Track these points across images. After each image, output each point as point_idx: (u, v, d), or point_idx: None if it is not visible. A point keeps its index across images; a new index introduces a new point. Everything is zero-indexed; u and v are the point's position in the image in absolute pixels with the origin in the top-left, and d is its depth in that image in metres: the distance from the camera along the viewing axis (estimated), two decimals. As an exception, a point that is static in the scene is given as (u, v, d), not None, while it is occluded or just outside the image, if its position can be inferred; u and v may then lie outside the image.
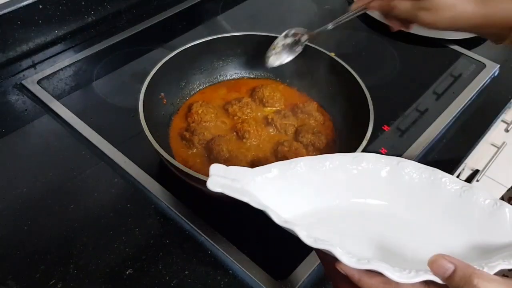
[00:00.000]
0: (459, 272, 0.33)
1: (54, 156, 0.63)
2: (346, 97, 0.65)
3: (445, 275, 0.33)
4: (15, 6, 0.73)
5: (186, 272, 0.51)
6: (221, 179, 0.40)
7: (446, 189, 0.43)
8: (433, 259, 0.34)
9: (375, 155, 0.45)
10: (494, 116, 0.75)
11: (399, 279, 0.33)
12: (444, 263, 0.34)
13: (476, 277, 0.32)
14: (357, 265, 0.34)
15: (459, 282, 0.33)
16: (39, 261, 0.51)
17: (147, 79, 0.59)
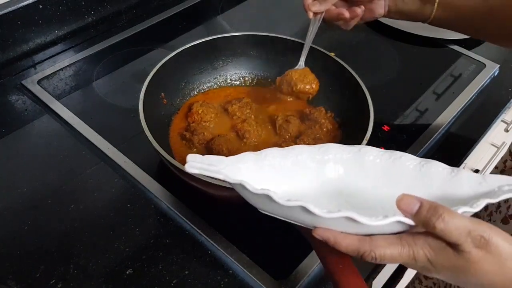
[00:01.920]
0: (425, 205, 0.34)
1: (54, 156, 0.63)
2: (346, 97, 0.65)
3: (412, 211, 0.34)
4: (15, 6, 0.73)
5: (186, 272, 0.51)
6: (198, 164, 0.41)
7: (406, 166, 0.46)
8: (400, 197, 0.36)
9: (339, 145, 0.48)
10: (494, 116, 0.75)
11: (369, 222, 0.35)
12: (411, 200, 0.35)
13: (441, 209, 0.34)
14: (328, 215, 0.35)
15: (426, 215, 0.34)
16: (39, 260, 0.51)
17: (147, 79, 0.59)
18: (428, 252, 0.34)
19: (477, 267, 0.33)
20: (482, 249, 0.33)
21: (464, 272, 0.34)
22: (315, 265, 0.52)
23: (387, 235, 0.36)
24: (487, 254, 0.33)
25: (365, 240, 0.36)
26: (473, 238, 0.33)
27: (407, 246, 0.35)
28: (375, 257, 0.35)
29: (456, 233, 0.33)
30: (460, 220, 0.33)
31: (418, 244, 0.35)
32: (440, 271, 0.35)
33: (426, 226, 0.34)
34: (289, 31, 0.64)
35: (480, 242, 0.33)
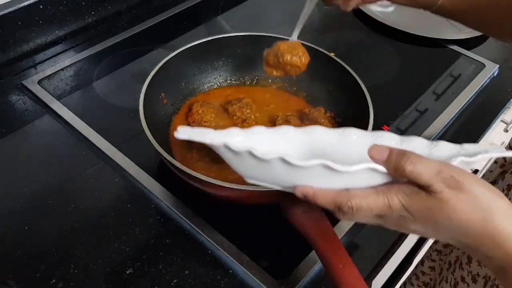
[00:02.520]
0: (394, 151, 0.36)
1: (54, 156, 0.63)
2: (346, 97, 0.66)
3: (383, 158, 0.36)
4: (16, 7, 0.73)
5: (186, 271, 0.51)
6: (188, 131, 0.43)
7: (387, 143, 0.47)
8: (371, 147, 0.37)
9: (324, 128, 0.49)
10: (494, 116, 0.75)
11: (342, 168, 0.36)
12: (381, 148, 0.37)
13: (409, 153, 0.35)
14: (305, 163, 0.37)
15: (395, 159, 0.35)
16: (39, 260, 0.51)
17: (148, 79, 0.59)
18: (402, 198, 0.35)
19: (450, 206, 0.33)
20: (454, 189, 0.33)
21: (439, 214, 0.34)
22: (315, 265, 0.52)
23: (362, 187, 0.38)
24: (459, 193, 0.33)
25: (341, 192, 0.37)
26: (443, 178, 0.33)
27: (382, 194, 0.36)
28: (352, 206, 0.36)
29: (425, 174, 0.34)
30: (429, 162, 0.34)
31: (392, 191, 0.36)
32: (416, 217, 0.35)
33: (397, 170, 0.35)
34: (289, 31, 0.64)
35: (451, 181, 0.33)
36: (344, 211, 0.37)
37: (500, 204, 0.33)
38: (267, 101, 0.70)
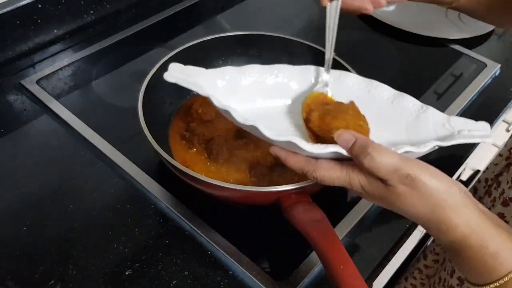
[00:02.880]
0: (358, 142, 0.38)
1: (53, 156, 0.63)
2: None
3: (348, 145, 0.39)
4: (14, 6, 0.73)
5: (186, 272, 0.51)
6: (178, 74, 0.44)
7: (380, 97, 0.49)
8: (338, 132, 0.40)
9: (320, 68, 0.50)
10: (495, 116, 0.75)
11: (310, 149, 0.39)
12: (347, 135, 0.39)
13: (371, 147, 0.37)
14: (276, 137, 0.39)
15: (357, 151, 0.38)
16: (38, 261, 0.51)
17: (147, 79, 0.59)
18: (362, 180, 0.39)
19: (402, 200, 0.37)
20: (408, 186, 0.36)
21: (393, 203, 0.38)
22: (315, 266, 0.52)
23: (330, 160, 0.40)
24: (412, 190, 0.36)
25: (310, 161, 0.41)
26: (400, 176, 0.36)
27: (346, 172, 0.39)
28: (316, 177, 0.40)
29: (383, 170, 0.37)
30: (388, 159, 0.37)
31: (355, 172, 0.39)
32: (373, 198, 0.40)
33: (356, 161, 0.39)
34: (289, 30, 0.64)
35: (406, 179, 0.36)
36: (310, 178, 0.41)
37: (451, 199, 0.36)
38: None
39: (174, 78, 0.43)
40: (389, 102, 0.48)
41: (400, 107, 0.47)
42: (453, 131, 0.44)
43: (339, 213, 0.56)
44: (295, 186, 0.47)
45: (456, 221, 0.36)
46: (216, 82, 0.47)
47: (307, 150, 0.39)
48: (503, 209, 0.57)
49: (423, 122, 0.46)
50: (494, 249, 0.35)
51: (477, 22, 0.92)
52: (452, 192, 0.37)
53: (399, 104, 0.48)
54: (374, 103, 0.48)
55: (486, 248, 0.35)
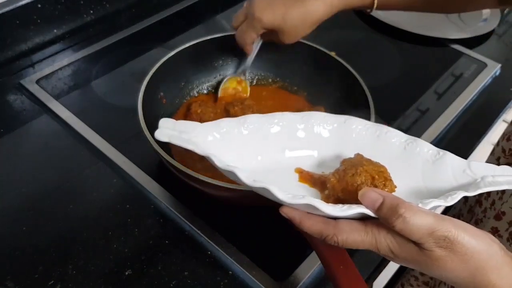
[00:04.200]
0: (387, 202, 0.34)
1: (52, 156, 0.63)
2: (346, 96, 0.65)
3: (374, 206, 0.34)
4: (14, 6, 0.73)
5: (186, 272, 0.51)
6: (170, 131, 0.40)
7: (391, 143, 0.44)
8: (363, 191, 0.35)
9: (324, 114, 0.46)
10: (496, 116, 0.75)
11: (331, 212, 0.34)
12: (373, 195, 0.35)
13: (403, 207, 0.33)
14: (292, 200, 0.34)
15: (386, 212, 0.34)
16: (38, 261, 0.51)
17: (146, 79, 0.59)
18: (391, 244, 0.34)
19: (440, 264, 0.33)
20: (446, 249, 0.33)
21: (428, 266, 0.34)
22: (315, 266, 0.52)
23: (352, 220, 0.36)
24: (450, 253, 0.33)
25: (329, 223, 0.36)
26: (436, 238, 0.33)
27: (371, 234, 0.35)
28: (337, 241, 0.35)
29: (417, 233, 0.33)
30: (422, 220, 0.33)
31: (382, 234, 0.35)
32: (404, 262, 0.35)
33: (387, 224, 0.34)
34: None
35: (444, 242, 0.33)
36: (330, 243, 0.36)
37: (492, 261, 0.34)
38: (267, 100, 0.69)
39: (166, 136, 0.39)
40: (402, 148, 0.44)
41: (415, 154, 0.43)
42: (475, 177, 0.41)
43: (339, 213, 0.56)
44: (295, 186, 0.46)
45: (499, 284, 0.33)
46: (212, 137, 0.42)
47: (330, 214, 0.34)
48: (496, 223, 0.57)
49: (441, 168, 0.42)
50: None
51: (477, 22, 0.92)
52: (493, 252, 0.34)
53: (413, 151, 0.44)
54: (385, 150, 0.44)
55: None
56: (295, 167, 0.45)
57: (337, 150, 0.45)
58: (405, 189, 0.39)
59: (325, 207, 0.34)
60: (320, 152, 0.46)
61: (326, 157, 0.45)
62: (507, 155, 0.65)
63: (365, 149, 0.43)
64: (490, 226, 0.58)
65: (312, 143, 0.46)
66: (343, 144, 0.45)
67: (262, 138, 0.44)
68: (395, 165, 0.42)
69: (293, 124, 0.45)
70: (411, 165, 0.43)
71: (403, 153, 0.44)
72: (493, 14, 0.93)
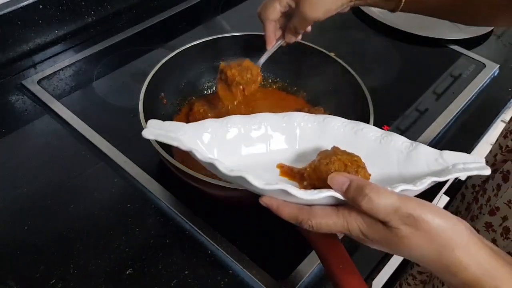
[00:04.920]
0: (353, 184, 0.36)
1: (54, 156, 0.63)
2: (346, 96, 0.65)
3: (342, 188, 0.36)
4: (15, 6, 0.73)
5: (186, 272, 0.51)
6: (156, 130, 0.42)
7: (367, 137, 0.47)
8: (331, 176, 0.38)
9: (304, 114, 0.49)
10: (494, 116, 0.75)
11: (303, 196, 0.36)
12: (341, 178, 0.37)
13: (368, 188, 0.35)
14: (266, 186, 0.37)
15: (353, 193, 0.36)
16: (39, 260, 0.51)
17: (147, 79, 0.59)
18: (361, 225, 0.36)
19: (406, 242, 0.34)
20: (411, 226, 0.34)
21: (396, 245, 0.35)
22: (315, 265, 0.52)
23: (325, 206, 0.38)
24: (415, 231, 0.34)
25: (304, 209, 0.38)
26: (401, 216, 0.34)
27: (342, 217, 0.37)
28: (312, 225, 0.37)
29: (383, 211, 0.34)
30: (387, 199, 0.34)
31: (352, 216, 0.36)
32: (374, 243, 0.37)
33: (354, 204, 0.36)
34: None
35: (408, 219, 0.34)
36: (305, 227, 0.38)
37: (458, 238, 0.34)
38: (267, 101, 0.70)
39: (153, 134, 0.40)
40: (377, 142, 0.47)
41: (390, 146, 0.46)
42: (447, 165, 0.43)
43: (338, 212, 0.56)
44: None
45: (466, 262, 0.34)
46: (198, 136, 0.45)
47: (300, 197, 0.37)
48: (490, 218, 0.57)
49: (414, 158, 0.44)
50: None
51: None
52: (459, 231, 0.34)
53: (388, 144, 0.46)
54: (362, 145, 0.47)
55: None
56: (277, 163, 0.47)
57: (317, 146, 0.47)
58: (380, 178, 0.41)
59: (296, 191, 0.36)
60: (300, 149, 0.49)
61: (306, 153, 0.47)
62: (504, 152, 0.65)
63: (343, 144, 0.45)
64: (484, 221, 0.58)
65: (293, 141, 0.49)
66: (323, 140, 0.48)
67: (245, 138, 0.47)
68: (372, 158, 0.44)
69: (275, 124, 0.48)
70: (386, 157, 0.46)
71: (379, 147, 0.46)
72: (492, 15, 0.93)
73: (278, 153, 0.48)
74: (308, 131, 0.48)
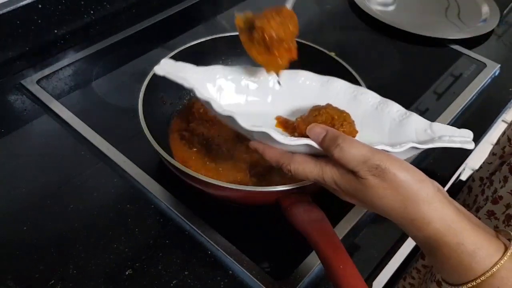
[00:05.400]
0: (329, 134, 0.39)
1: (53, 156, 0.63)
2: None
3: (319, 138, 0.39)
4: (14, 6, 0.73)
5: (186, 272, 0.51)
6: (168, 68, 0.45)
7: (365, 102, 0.50)
8: (310, 127, 0.41)
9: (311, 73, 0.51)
10: (495, 116, 0.75)
11: (282, 141, 0.39)
12: (318, 129, 0.40)
13: (341, 138, 0.38)
14: (251, 128, 0.40)
15: (328, 142, 0.39)
16: (38, 261, 0.51)
17: (147, 79, 0.59)
18: (335, 174, 0.39)
19: (373, 192, 0.37)
20: (378, 177, 0.36)
21: (364, 195, 0.38)
22: (315, 266, 0.52)
23: (306, 155, 0.41)
24: (382, 181, 0.36)
25: (286, 154, 0.41)
26: (369, 166, 0.36)
27: (319, 166, 0.40)
28: (290, 169, 0.41)
29: (352, 161, 0.37)
30: (357, 150, 0.37)
31: (328, 167, 0.39)
32: (346, 194, 0.40)
33: (327, 153, 0.39)
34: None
35: (376, 170, 0.36)
36: (284, 171, 0.41)
37: (423, 192, 0.36)
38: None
39: (163, 71, 0.45)
40: (374, 108, 0.49)
41: (384, 113, 0.48)
42: (434, 136, 0.44)
43: (339, 213, 0.56)
44: (294, 186, 0.47)
45: (430, 216, 0.35)
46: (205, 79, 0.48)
47: (280, 141, 0.39)
48: (493, 207, 0.57)
49: (405, 127, 0.46)
50: (471, 248, 0.34)
51: (477, 22, 0.93)
52: (424, 186, 0.36)
53: (383, 110, 0.48)
54: (359, 108, 0.49)
55: (462, 246, 0.34)
56: (276, 115, 0.51)
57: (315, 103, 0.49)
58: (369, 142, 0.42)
59: (276, 135, 0.39)
60: (300, 104, 0.51)
61: (304, 109, 0.49)
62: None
63: (341, 105, 0.47)
64: (486, 209, 0.58)
65: (294, 96, 0.51)
66: (322, 99, 0.49)
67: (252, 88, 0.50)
68: (366, 122, 0.47)
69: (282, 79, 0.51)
70: (379, 122, 0.48)
71: (374, 112, 0.49)
72: (493, 14, 0.93)
73: (279, 106, 0.51)
74: (311, 89, 0.51)
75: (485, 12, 0.94)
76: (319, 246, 0.42)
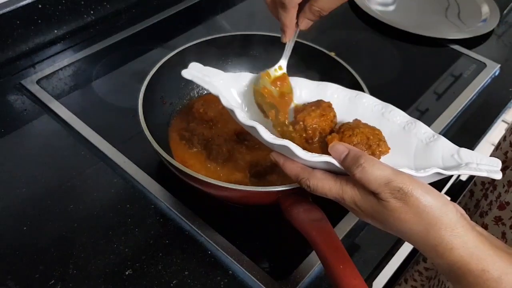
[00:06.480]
0: (351, 154, 0.38)
1: (53, 156, 0.63)
2: (346, 97, 0.65)
3: (341, 157, 0.38)
4: (14, 6, 0.73)
5: (186, 272, 0.51)
6: (195, 72, 0.46)
7: (393, 121, 0.49)
8: (332, 145, 0.40)
9: (338, 86, 0.51)
10: (495, 116, 0.75)
11: (303, 156, 0.39)
12: (341, 147, 0.39)
13: (363, 158, 0.37)
14: (273, 140, 0.40)
15: (349, 162, 0.37)
16: (38, 261, 0.51)
17: (147, 79, 0.59)
18: (355, 195, 0.38)
19: (395, 216, 0.35)
20: (400, 200, 0.35)
21: (385, 218, 0.36)
22: (315, 266, 0.52)
23: (326, 171, 0.40)
24: (404, 205, 0.35)
25: (306, 169, 0.41)
26: (391, 189, 0.35)
27: (339, 184, 0.39)
28: (309, 185, 0.40)
29: (374, 183, 0.36)
30: (380, 171, 0.36)
31: (348, 186, 0.38)
32: (366, 215, 0.38)
33: (349, 173, 0.38)
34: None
35: (398, 193, 0.35)
36: (302, 186, 0.40)
37: (446, 218, 0.35)
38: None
39: (190, 75, 0.46)
40: (402, 127, 0.48)
41: (412, 134, 0.47)
42: (461, 162, 0.42)
43: (339, 213, 0.56)
44: (295, 186, 0.46)
45: (452, 242, 0.34)
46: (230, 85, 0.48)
47: (301, 157, 0.39)
48: (500, 213, 0.57)
49: (432, 150, 0.45)
50: (496, 274, 0.33)
51: (477, 22, 0.93)
52: (447, 211, 0.35)
53: (411, 130, 0.47)
54: (387, 126, 0.48)
55: (488, 273, 0.33)
56: None
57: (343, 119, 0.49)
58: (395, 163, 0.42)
59: (298, 150, 0.39)
60: None
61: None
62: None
63: (369, 122, 0.47)
64: (493, 216, 0.58)
65: None
66: (350, 114, 0.49)
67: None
68: (392, 141, 0.46)
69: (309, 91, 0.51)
70: (406, 143, 0.47)
71: (402, 132, 0.48)
72: (493, 14, 0.93)
73: None
74: (339, 104, 0.50)
75: (485, 12, 0.94)
76: (319, 246, 0.41)
